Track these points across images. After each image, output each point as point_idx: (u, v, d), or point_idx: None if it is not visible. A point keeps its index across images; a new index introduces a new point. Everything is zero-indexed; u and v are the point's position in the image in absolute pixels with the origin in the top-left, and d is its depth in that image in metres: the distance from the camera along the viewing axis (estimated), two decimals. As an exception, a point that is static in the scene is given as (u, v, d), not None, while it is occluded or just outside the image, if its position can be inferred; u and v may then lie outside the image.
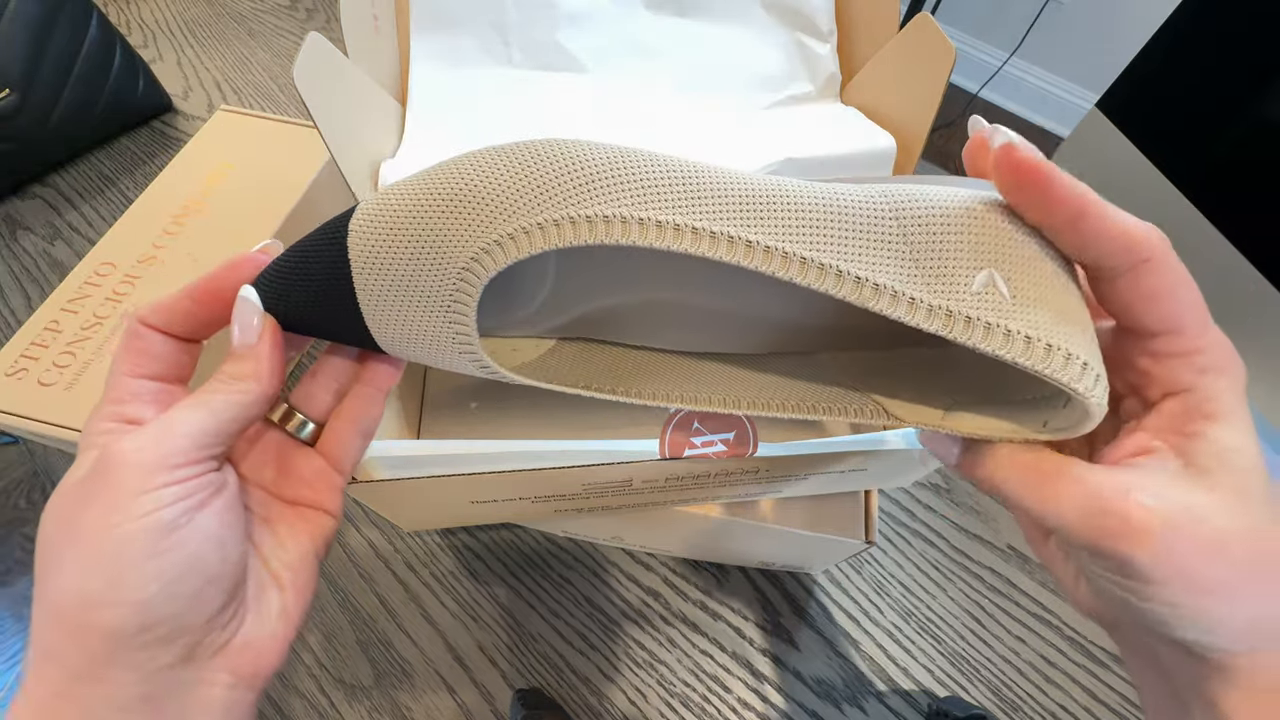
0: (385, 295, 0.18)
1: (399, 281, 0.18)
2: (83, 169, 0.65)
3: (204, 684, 0.18)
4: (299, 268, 0.19)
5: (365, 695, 0.42)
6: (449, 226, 0.17)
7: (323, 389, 0.23)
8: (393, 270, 0.18)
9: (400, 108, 0.42)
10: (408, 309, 0.18)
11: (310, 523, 0.22)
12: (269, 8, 0.81)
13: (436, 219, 0.18)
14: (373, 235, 0.18)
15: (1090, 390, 0.15)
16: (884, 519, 0.49)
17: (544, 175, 0.17)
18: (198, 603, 0.17)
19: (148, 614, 0.16)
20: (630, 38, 0.43)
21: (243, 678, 0.18)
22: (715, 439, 0.29)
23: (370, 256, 0.18)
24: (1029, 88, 1.55)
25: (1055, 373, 0.15)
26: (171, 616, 0.17)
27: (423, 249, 0.18)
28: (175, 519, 0.17)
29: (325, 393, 0.23)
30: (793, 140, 0.39)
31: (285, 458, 0.22)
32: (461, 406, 0.42)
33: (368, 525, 0.47)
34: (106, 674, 0.16)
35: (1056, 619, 0.45)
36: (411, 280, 0.18)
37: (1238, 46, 0.51)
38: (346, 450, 0.23)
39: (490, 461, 0.28)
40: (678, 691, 0.43)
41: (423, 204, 0.18)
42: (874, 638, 0.45)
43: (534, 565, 0.46)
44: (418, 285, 0.18)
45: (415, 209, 0.18)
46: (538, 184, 0.17)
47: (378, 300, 0.19)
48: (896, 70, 0.39)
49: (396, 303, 0.18)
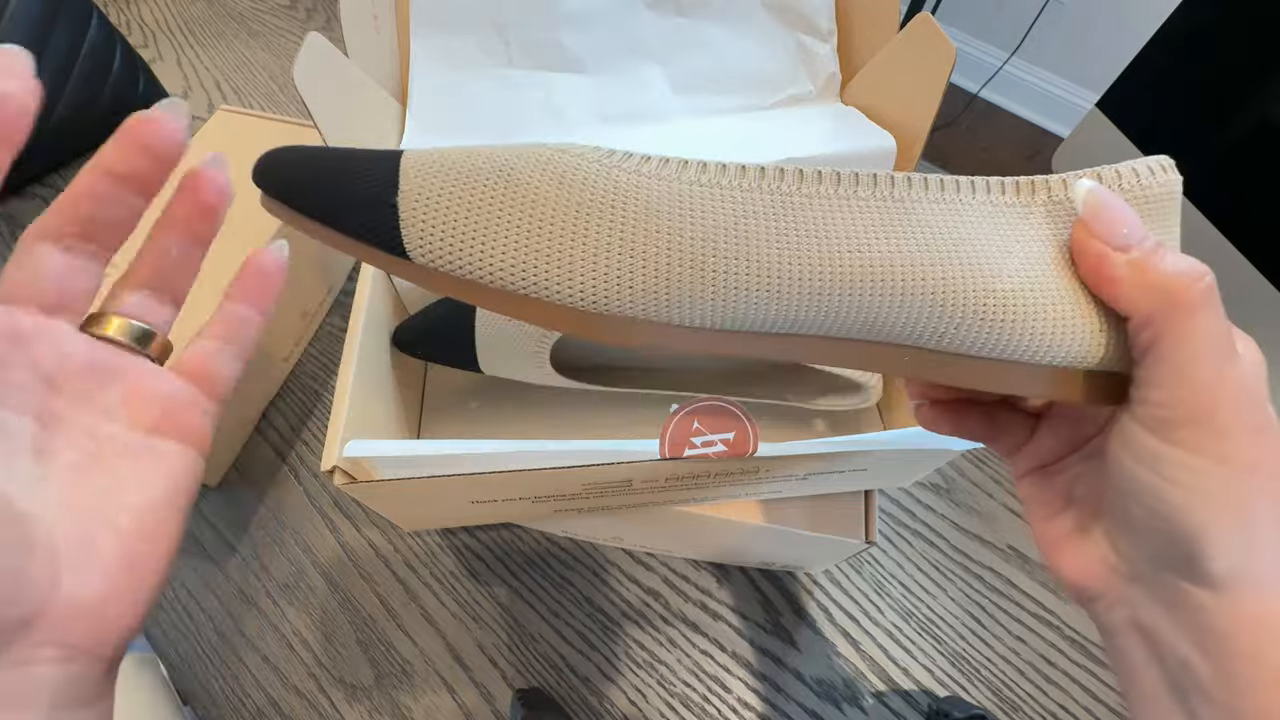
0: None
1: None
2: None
3: (17, 665, 0.14)
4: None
5: (365, 695, 0.42)
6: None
7: (153, 298, 0.19)
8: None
9: (400, 108, 0.42)
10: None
11: (164, 459, 0.18)
12: (269, 8, 0.81)
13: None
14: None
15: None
16: (884, 519, 0.49)
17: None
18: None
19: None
20: (630, 37, 0.43)
21: (80, 649, 0.15)
22: (715, 439, 0.29)
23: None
24: (1029, 88, 1.55)
25: None
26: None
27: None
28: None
29: (156, 301, 0.19)
30: (793, 140, 0.39)
31: (121, 382, 0.18)
32: (461, 406, 0.42)
33: (368, 525, 0.47)
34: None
35: (1056, 619, 0.45)
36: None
37: (1238, 46, 0.51)
38: (218, 369, 0.20)
39: (490, 461, 0.28)
40: (678, 691, 0.43)
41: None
42: (874, 638, 0.45)
43: (534, 565, 0.46)
44: None
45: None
46: None
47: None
48: (896, 70, 0.39)
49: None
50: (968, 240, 0.17)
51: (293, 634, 0.44)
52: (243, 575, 0.45)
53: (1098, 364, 0.17)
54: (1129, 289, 0.16)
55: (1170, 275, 0.15)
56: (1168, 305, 0.15)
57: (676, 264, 0.16)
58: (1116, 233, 0.16)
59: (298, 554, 0.46)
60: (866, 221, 0.17)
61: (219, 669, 0.43)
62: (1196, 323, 0.15)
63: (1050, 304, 0.17)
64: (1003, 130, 1.58)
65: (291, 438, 0.50)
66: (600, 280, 0.16)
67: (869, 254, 0.16)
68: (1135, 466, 0.16)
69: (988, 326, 0.17)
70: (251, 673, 0.42)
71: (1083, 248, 0.17)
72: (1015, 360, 0.17)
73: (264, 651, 0.43)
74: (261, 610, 0.44)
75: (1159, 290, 0.15)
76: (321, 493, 0.48)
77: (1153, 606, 0.17)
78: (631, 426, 0.39)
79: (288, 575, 0.45)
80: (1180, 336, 0.15)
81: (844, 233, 0.17)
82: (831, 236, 0.16)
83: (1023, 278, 0.17)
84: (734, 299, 0.17)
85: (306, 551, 0.46)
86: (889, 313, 0.17)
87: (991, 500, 0.49)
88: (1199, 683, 0.16)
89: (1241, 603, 0.16)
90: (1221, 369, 0.15)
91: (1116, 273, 0.16)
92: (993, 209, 0.17)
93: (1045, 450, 0.21)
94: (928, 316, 0.17)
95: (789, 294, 0.17)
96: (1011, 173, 0.18)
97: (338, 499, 0.48)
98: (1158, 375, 0.16)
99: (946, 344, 0.17)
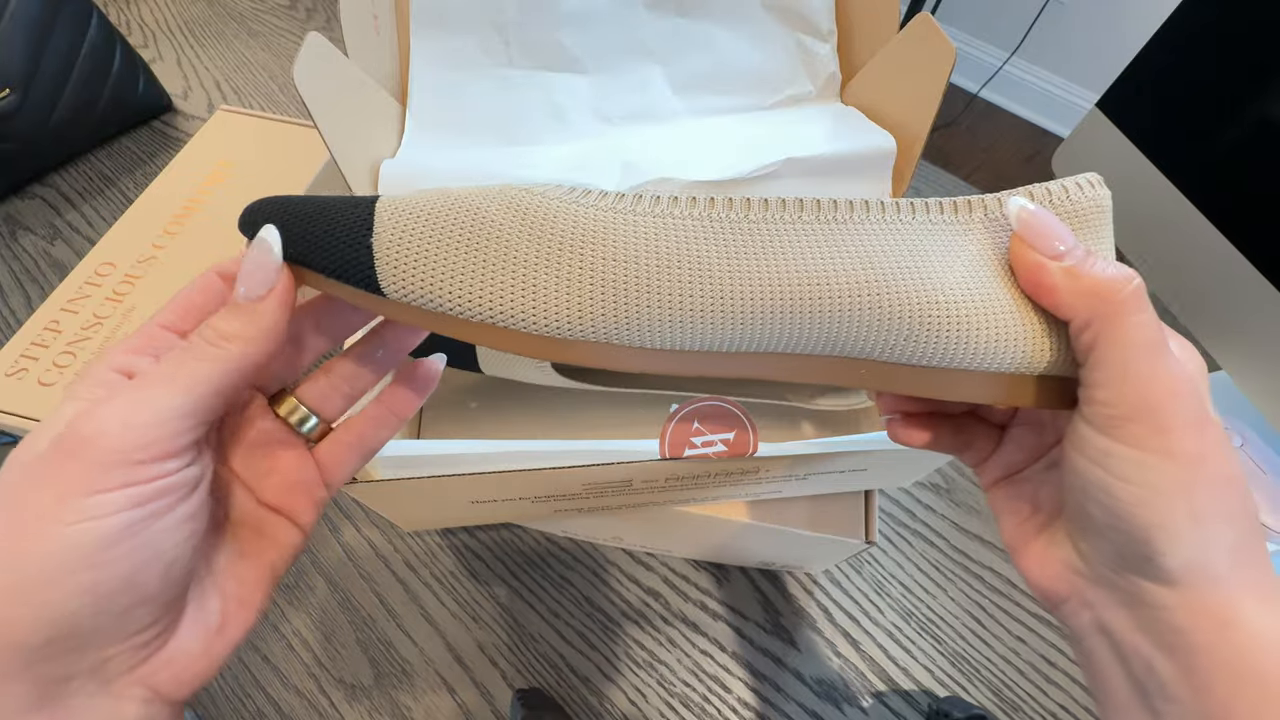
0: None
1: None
2: (83, 169, 0.65)
3: (113, 698, 0.16)
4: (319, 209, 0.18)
5: (365, 695, 0.42)
6: None
7: (334, 390, 0.21)
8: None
9: (400, 108, 0.42)
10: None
11: (278, 536, 0.20)
12: (269, 8, 0.81)
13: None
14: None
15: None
16: (884, 519, 0.49)
17: None
18: (123, 620, 0.15)
19: (63, 628, 0.14)
20: (630, 38, 0.43)
21: (161, 694, 0.16)
22: (715, 439, 0.29)
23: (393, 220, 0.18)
24: (1029, 88, 1.55)
25: None
26: (90, 632, 0.15)
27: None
28: (126, 528, 0.14)
29: (336, 394, 0.21)
30: (793, 140, 0.39)
31: (273, 455, 0.20)
32: (461, 406, 0.42)
33: (368, 525, 0.47)
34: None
35: (1056, 619, 0.45)
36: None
37: (1238, 46, 0.51)
38: (342, 464, 0.21)
39: (490, 461, 0.28)
40: (678, 691, 0.43)
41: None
42: (874, 638, 0.45)
43: (534, 565, 0.46)
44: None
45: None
46: None
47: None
48: (896, 70, 0.39)
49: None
50: (909, 256, 0.18)
51: (293, 634, 0.44)
52: (243, 575, 0.45)
53: (1045, 369, 0.18)
54: (1065, 295, 0.17)
55: (1101, 280, 0.17)
56: (1102, 307, 0.16)
57: (634, 291, 0.17)
58: (1050, 244, 0.17)
59: (298, 554, 0.46)
60: (813, 243, 0.18)
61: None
62: (1130, 321, 0.16)
63: (993, 313, 0.18)
64: (1003, 130, 1.58)
65: (291, 438, 0.50)
66: (564, 309, 0.17)
67: (816, 273, 0.17)
68: (1088, 466, 0.17)
69: (935, 337, 0.18)
70: (251, 673, 0.42)
71: (1020, 258, 0.18)
72: (966, 368, 0.18)
73: (264, 651, 0.43)
74: (261, 610, 0.44)
75: (1093, 294, 0.16)
76: (321, 493, 0.48)
77: (1115, 608, 0.17)
78: (631, 426, 0.39)
79: (288, 575, 0.45)
80: (1116, 335, 0.16)
81: (793, 254, 0.18)
82: (780, 258, 0.18)
83: (965, 290, 0.18)
84: (692, 321, 0.18)
85: (306, 551, 0.46)
86: (840, 328, 0.18)
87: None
88: (1162, 684, 0.16)
89: (1198, 598, 0.16)
90: (1156, 364, 0.16)
91: (1053, 280, 0.17)
92: (932, 227, 0.18)
93: (1010, 460, 0.22)
94: (877, 330, 0.18)
95: (743, 314, 0.18)
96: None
97: (338, 499, 0.48)
98: (1100, 375, 0.16)
99: (898, 356, 0.18)
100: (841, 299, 0.17)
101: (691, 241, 0.17)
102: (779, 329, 0.18)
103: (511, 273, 0.17)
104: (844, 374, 0.19)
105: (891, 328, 0.18)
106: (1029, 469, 0.22)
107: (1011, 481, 0.22)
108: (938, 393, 0.19)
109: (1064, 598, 0.19)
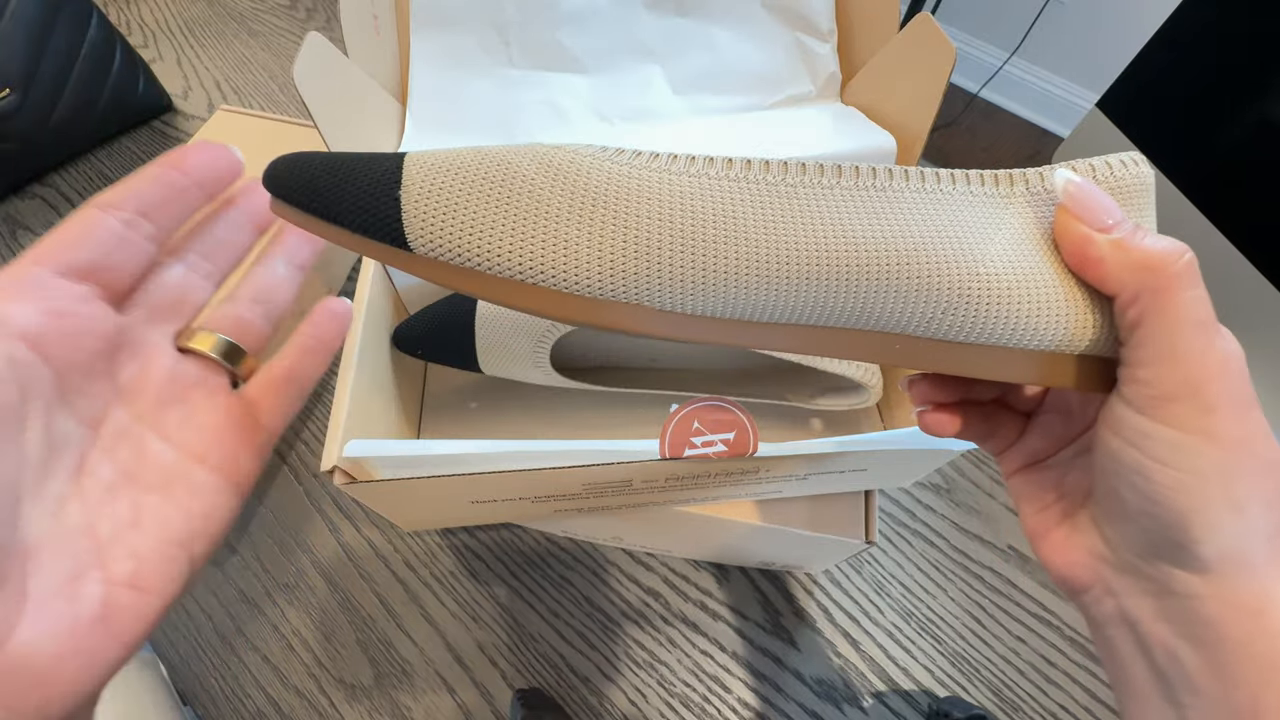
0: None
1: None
2: (83, 169, 0.65)
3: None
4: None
5: (365, 695, 0.42)
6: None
7: (249, 312, 0.19)
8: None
9: (400, 108, 0.42)
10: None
11: (196, 496, 0.16)
12: (269, 8, 0.81)
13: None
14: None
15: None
16: (884, 519, 0.49)
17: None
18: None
19: None
20: (630, 38, 0.43)
21: (15, 711, 0.12)
22: (715, 439, 0.29)
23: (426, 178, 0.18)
24: (1029, 88, 1.55)
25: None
26: None
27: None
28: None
29: (253, 316, 0.19)
30: (793, 140, 0.39)
31: (193, 401, 0.17)
32: (461, 406, 0.42)
33: (368, 525, 0.47)
34: None
35: (1056, 619, 0.45)
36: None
37: (1238, 46, 0.51)
38: (278, 402, 0.19)
39: (490, 461, 0.28)
40: (678, 691, 0.43)
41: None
42: (874, 638, 0.45)
43: (534, 565, 0.46)
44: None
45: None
46: None
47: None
48: (897, 70, 0.39)
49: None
50: (950, 226, 0.17)
51: (293, 634, 0.44)
52: (243, 575, 0.45)
53: (1086, 348, 0.17)
54: (1113, 268, 0.16)
55: (1153, 252, 0.16)
56: (1152, 281, 0.16)
57: (669, 250, 0.17)
58: (1098, 216, 0.16)
59: (298, 554, 0.46)
60: (851, 209, 0.17)
61: (219, 669, 0.43)
62: (1181, 298, 0.15)
63: (1035, 288, 0.17)
64: (1003, 130, 1.57)
65: (291, 438, 0.50)
66: (596, 266, 0.17)
67: (854, 239, 0.17)
68: (1123, 448, 0.16)
69: (974, 311, 0.17)
70: (251, 673, 0.42)
71: (1066, 231, 0.17)
72: (1004, 345, 0.18)
73: (264, 651, 0.43)
74: (261, 610, 0.44)
75: (1142, 267, 0.16)
76: (321, 493, 0.48)
77: (1141, 597, 0.17)
78: (631, 426, 0.39)
79: (288, 575, 0.45)
80: (1164, 311, 0.15)
81: (830, 219, 0.17)
82: (818, 223, 0.17)
83: (1006, 262, 0.17)
84: (726, 284, 0.17)
85: (306, 551, 0.46)
86: (877, 299, 0.17)
87: (991, 500, 0.49)
88: (1187, 675, 0.16)
89: (1232, 588, 0.15)
90: (1208, 342, 0.15)
91: (1100, 253, 0.16)
92: (973, 198, 0.18)
93: (1034, 447, 0.22)
94: (915, 302, 0.17)
95: (779, 279, 0.17)
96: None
97: (338, 499, 0.48)
98: (1144, 353, 0.16)
99: (935, 330, 0.18)
100: (879, 267, 0.17)
101: (728, 202, 0.17)
102: (814, 297, 0.17)
103: (543, 227, 0.16)
104: (877, 349, 0.18)
105: (929, 299, 0.17)
106: (1054, 456, 0.21)
107: (1035, 469, 0.21)
108: (974, 370, 0.18)
109: (1086, 586, 0.19)
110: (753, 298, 0.17)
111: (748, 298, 0.17)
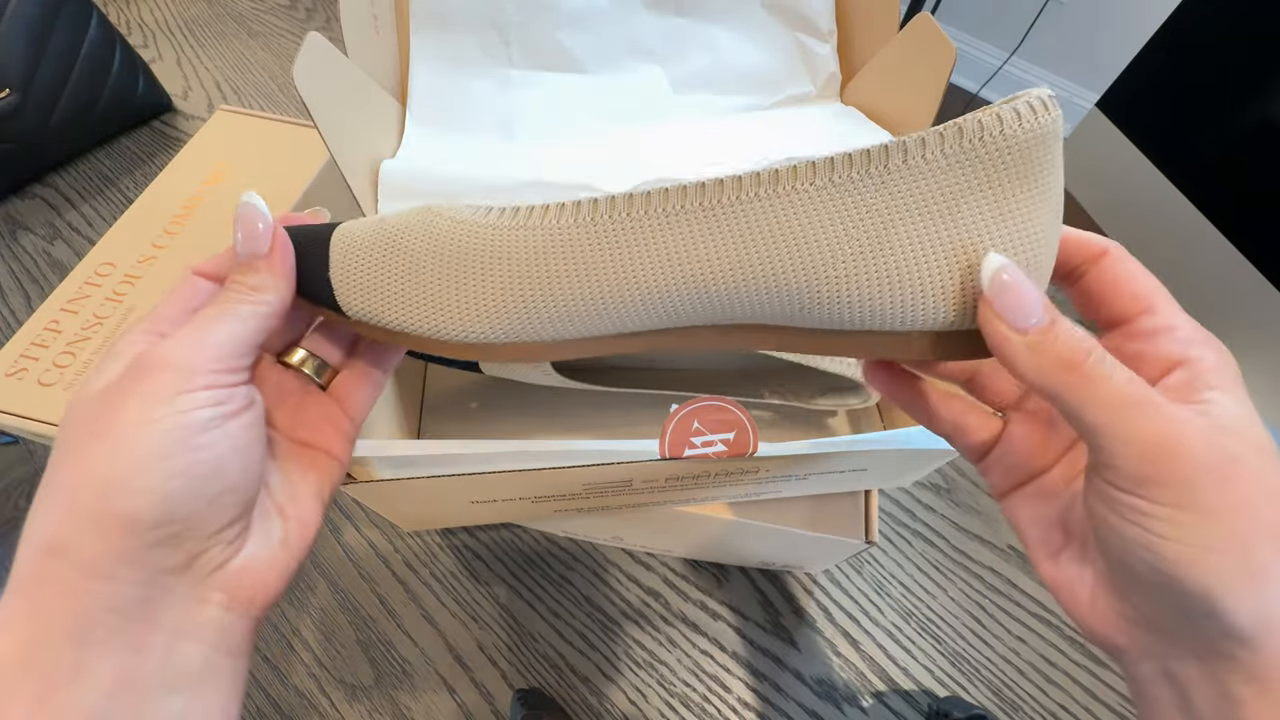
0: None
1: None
2: (83, 169, 0.65)
3: (198, 600, 0.18)
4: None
5: (365, 695, 0.42)
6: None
7: (333, 339, 0.24)
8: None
9: (400, 108, 0.42)
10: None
11: (318, 466, 0.22)
12: (269, 8, 0.81)
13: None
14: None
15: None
16: (884, 519, 0.49)
17: None
18: (214, 508, 0.17)
19: (166, 508, 0.16)
20: (630, 38, 0.43)
21: (238, 601, 0.18)
22: (715, 439, 0.29)
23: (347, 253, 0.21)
24: (1029, 88, 1.56)
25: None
26: (188, 516, 0.17)
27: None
28: (210, 420, 0.17)
29: (336, 342, 0.24)
30: (793, 140, 0.39)
31: (297, 401, 0.22)
32: (461, 406, 0.42)
33: (368, 525, 0.47)
34: (115, 570, 0.16)
35: (1056, 619, 0.45)
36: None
37: (1238, 46, 0.51)
38: (358, 397, 0.23)
39: (490, 461, 0.28)
40: (678, 691, 0.43)
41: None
42: (874, 638, 0.45)
43: (534, 565, 0.46)
44: None
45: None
46: None
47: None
48: (896, 70, 0.39)
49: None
50: (802, 229, 0.18)
51: (293, 634, 0.44)
52: (243, 575, 0.45)
53: (952, 325, 0.18)
54: (1029, 370, 0.16)
55: (1064, 353, 0.16)
56: (1067, 378, 0.16)
57: (530, 298, 0.19)
58: (1016, 317, 0.16)
59: (298, 554, 0.46)
60: (698, 234, 0.18)
61: (219, 669, 0.43)
62: (1108, 388, 0.15)
63: (891, 278, 0.17)
64: (1003, 130, 1.58)
65: (291, 438, 0.50)
66: (472, 321, 0.20)
67: (700, 264, 0.18)
68: (1123, 524, 0.16)
69: (832, 307, 0.18)
70: (251, 673, 0.42)
71: (985, 322, 0.17)
72: (873, 330, 0.18)
73: (264, 651, 0.43)
74: (261, 610, 0.44)
75: (1059, 368, 0.16)
76: (321, 493, 0.48)
77: (1183, 658, 0.16)
78: (631, 426, 0.39)
79: (288, 575, 0.45)
80: (1098, 404, 0.15)
81: (670, 247, 0.18)
82: (664, 254, 0.18)
83: (860, 259, 0.17)
84: (587, 316, 0.19)
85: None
86: (734, 308, 0.19)
87: (991, 500, 0.49)
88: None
89: (1276, 649, 0.15)
90: (1145, 424, 0.15)
91: (1015, 354, 0.16)
92: (833, 189, 0.18)
93: (1014, 461, 0.21)
94: (771, 305, 0.18)
95: (632, 305, 0.19)
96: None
97: (338, 499, 0.48)
98: (1101, 440, 0.16)
99: (801, 323, 0.19)
100: (725, 286, 0.18)
101: (578, 247, 0.19)
102: (675, 314, 0.19)
103: (424, 294, 0.20)
104: (758, 341, 0.20)
105: (787, 302, 0.18)
106: (1045, 478, 0.20)
107: (1029, 495, 0.20)
108: (857, 354, 0.19)
109: (1122, 649, 0.18)
110: (615, 322, 0.20)
111: (611, 322, 0.20)
